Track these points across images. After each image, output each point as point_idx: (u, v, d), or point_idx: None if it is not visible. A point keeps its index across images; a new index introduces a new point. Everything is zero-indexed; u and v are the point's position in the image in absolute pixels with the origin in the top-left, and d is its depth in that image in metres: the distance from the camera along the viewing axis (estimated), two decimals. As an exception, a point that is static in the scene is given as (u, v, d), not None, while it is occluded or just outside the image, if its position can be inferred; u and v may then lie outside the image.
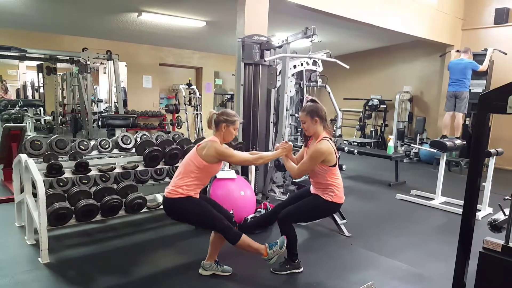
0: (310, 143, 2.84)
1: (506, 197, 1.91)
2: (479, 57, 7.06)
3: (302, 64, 4.89)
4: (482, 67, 6.50)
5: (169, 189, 2.61)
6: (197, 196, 2.65)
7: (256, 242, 2.67)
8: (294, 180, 4.61)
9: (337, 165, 2.75)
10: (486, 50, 7.07)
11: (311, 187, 2.91)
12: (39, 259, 2.90)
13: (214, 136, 2.68)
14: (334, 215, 3.78)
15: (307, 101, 2.85)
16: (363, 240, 3.56)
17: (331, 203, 2.76)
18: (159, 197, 3.91)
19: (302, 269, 2.86)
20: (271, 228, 3.75)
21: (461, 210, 1.83)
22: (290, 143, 2.84)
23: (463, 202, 1.80)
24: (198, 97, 8.21)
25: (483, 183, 4.40)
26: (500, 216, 2.12)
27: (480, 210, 4.40)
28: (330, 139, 2.75)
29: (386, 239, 3.64)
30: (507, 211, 1.93)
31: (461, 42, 8.02)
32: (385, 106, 9.17)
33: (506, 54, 7.01)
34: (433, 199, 4.96)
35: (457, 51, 7.05)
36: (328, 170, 2.71)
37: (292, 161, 2.87)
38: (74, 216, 3.13)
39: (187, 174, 2.58)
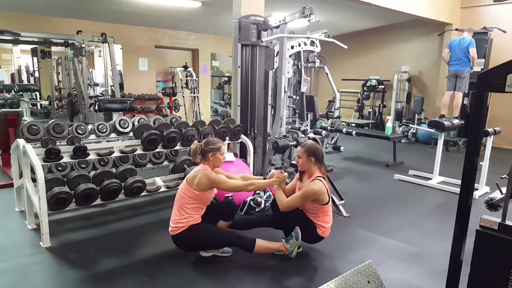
0: (304, 178, 2.88)
1: (503, 176, 1.92)
2: (478, 35, 6.99)
3: (300, 45, 4.83)
4: (473, 55, 6.31)
5: (171, 226, 2.65)
6: (199, 221, 2.67)
7: (271, 242, 2.73)
8: (292, 162, 4.62)
9: (330, 203, 2.78)
10: (485, 28, 7.00)
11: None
12: (41, 243, 2.93)
13: (203, 165, 2.69)
14: (333, 195, 3.81)
15: (309, 138, 2.92)
16: (361, 220, 3.60)
17: (319, 237, 2.81)
18: (158, 181, 3.92)
19: (301, 249, 2.90)
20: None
21: (459, 189, 1.85)
22: (286, 174, 2.86)
23: (460, 181, 1.81)
24: (195, 80, 8.13)
25: (481, 163, 4.43)
26: (497, 195, 2.14)
27: (477, 189, 4.44)
28: (324, 178, 2.78)
29: (384, 219, 3.68)
30: (503, 189, 1.95)
31: (460, 20, 7.92)
32: (383, 86, 9.13)
33: (505, 32, 6.94)
34: (431, 179, 4.99)
35: (456, 29, 6.97)
36: (320, 208, 2.75)
37: (284, 191, 2.88)
38: (73, 200, 3.14)
39: (182, 207, 2.61)
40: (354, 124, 8.78)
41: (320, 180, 2.73)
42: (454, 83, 6.51)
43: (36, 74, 10.75)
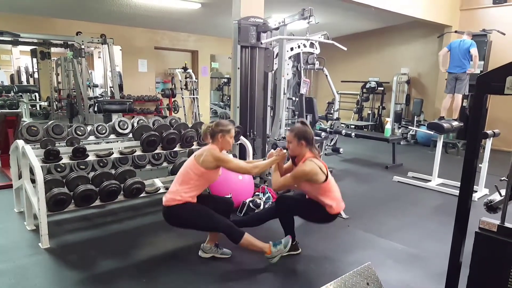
0: (297, 162, 2.82)
1: (502, 178, 1.92)
2: (477, 37, 7.00)
3: (299, 47, 4.85)
4: (475, 54, 6.31)
5: (167, 197, 2.63)
6: (194, 200, 2.66)
7: (259, 240, 2.70)
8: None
9: (329, 179, 2.71)
10: (485, 30, 7.01)
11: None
12: (40, 244, 2.92)
13: (212, 145, 2.68)
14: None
15: (297, 122, 2.86)
16: (360, 222, 3.60)
17: (330, 215, 2.76)
18: (157, 182, 3.92)
19: (300, 250, 2.90)
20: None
21: (458, 191, 1.85)
22: (285, 151, 2.83)
23: (459, 183, 1.82)
24: (195, 81, 8.13)
25: (480, 165, 4.43)
26: (496, 197, 2.14)
27: (476, 191, 4.44)
28: (316, 157, 2.72)
29: (383, 221, 3.68)
30: (503, 192, 1.95)
31: (459, 22, 7.94)
32: (382, 88, 9.14)
33: (504, 34, 6.96)
34: (430, 181, 4.99)
35: (456, 31, 6.98)
36: (319, 187, 2.69)
37: (281, 170, 2.86)
38: (73, 201, 3.14)
39: (186, 182, 2.60)
40: (353, 126, 8.79)
41: (311, 160, 2.67)
42: (453, 86, 6.49)
43: (36, 75, 10.74)
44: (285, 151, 2.83)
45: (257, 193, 3.87)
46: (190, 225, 2.72)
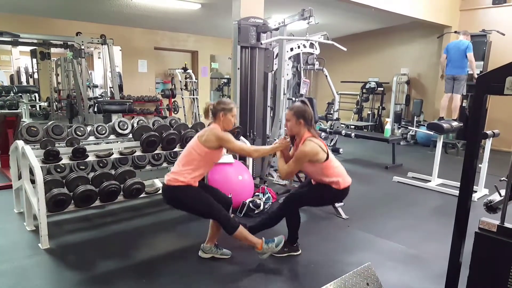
0: (296, 142, 2.81)
1: (501, 178, 1.92)
2: (477, 38, 7.01)
3: (299, 47, 4.84)
4: (471, 59, 6.32)
5: (170, 176, 2.60)
6: (196, 185, 2.65)
7: (251, 235, 2.70)
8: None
9: (330, 157, 2.70)
10: (484, 31, 7.02)
11: (313, 181, 2.89)
12: (39, 244, 2.92)
13: (214, 124, 2.67)
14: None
15: (298, 101, 2.83)
16: (360, 222, 3.60)
17: (339, 191, 2.76)
18: (157, 182, 3.92)
19: (300, 251, 2.90)
20: (269, 211, 3.78)
21: (457, 191, 1.85)
22: (288, 139, 2.81)
23: (459, 183, 1.82)
24: (194, 82, 8.13)
25: (479, 165, 4.43)
26: (496, 197, 2.14)
27: (476, 192, 4.44)
28: (315, 137, 2.70)
29: (383, 221, 3.68)
30: (502, 192, 1.95)
31: (459, 23, 7.95)
32: (382, 88, 9.14)
33: (504, 35, 6.96)
34: (430, 181, 4.99)
35: (456, 32, 6.99)
36: (321, 167, 2.69)
37: (286, 158, 2.84)
38: (72, 202, 3.14)
39: (189, 162, 2.58)
40: (353, 126, 8.79)
41: (311, 140, 2.66)
42: (451, 86, 6.51)
43: (35, 76, 10.75)
44: (288, 139, 2.81)
45: (257, 193, 3.87)
46: (188, 209, 2.71)
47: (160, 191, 3.73)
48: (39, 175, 2.81)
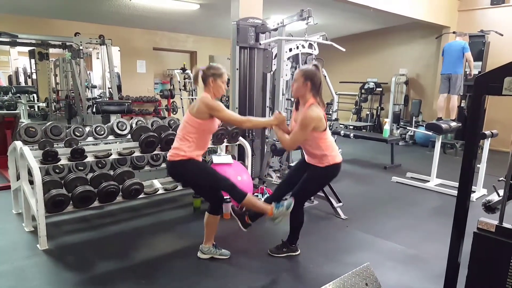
0: (299, 107, 2.72)
1: (500, 179, 1.92)
2: (475, 38, 7.03)
3: (297, 47, 4.84)
4: (469, 59, 6.36)
5: (171, 152, 2.59)
6: (200, 159, 2.63)
7: (261, 201, 2.67)
8: (290, 165, 4.62)
9: (327, 130, 2.67)
10: (482, 31, 7.03)
11: (306, 156, 2.82)
12: (38, 245, 2.91)
13: (205, 92, 2.62)
14: (330, 198, 3.82)
15: (313, 64, 2.70)
16: (359, 223, 3.60)
17: (330, 167, 2.67)
18: (156, 183, 3.91)
19: (299, 251, 2.90)
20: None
21: (456, 191, 1.85)
22: (284, 114, 2.76)
23: (458, 184, 1.82)
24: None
25: (478, 165, 4.44)
26: (494, 197, 2.14)
27: (474, 192, 4.45)
28: (319, 105, 2.62)
29: (382, 221, 3.69)
30: (501, 192, 1.96)
31: (457, 23, 7.96)
32: (381, 89, 9.16)
33: (502, 35, 6.98)
34: (428, 181, 5.00)
35: (454, 32, 7.01)
36: (318, 136, 2.62)
37: (286, 132, 2.76)
38: (71, 202, 3.13)
39: (185, 136, 2.55)
40: (352, 127, 8.79)
41: (316, 106, 2.59)
42: (447, 86, 6.53)
43: (34, 76, 10.71)
44: (284, 114, 2.75)
45: (256, 194, 3.87)
46: (193, 181, 2.66)
47: (159, 191, 3.75)
48: (37, 176, 2.81)
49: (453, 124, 5.40)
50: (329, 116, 6.38)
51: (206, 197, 2.71)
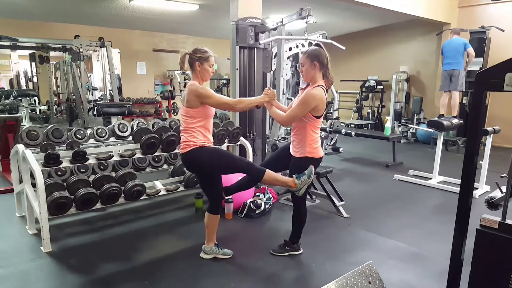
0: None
1: (502, 175, 1.92)
2: (476, 34, 7.01)
3: (297, 46, 4.84)
4: (471, 54, 6.35)
5: (181, 146, 2.59)
6: (211, 145, 2.62)
7: (281, 175, 2.64)
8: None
9: (322, 117, 2.62)
10: (483, 27, 7.01)
11: (290, 146, 2.77)
12: (41, 248, 2.92)
13: (192, 80, 2.60)
14: (332, 196, 3.82)
15: (314, 44, 2.67)
16: (361, 221, 3.60)
17: (310, 159, 2.60)
18: (158, 184, 3.92)
19: (301, 251, 2.90)
20: (270, 211, 3.79)
21: (458, 189, 1.85)
22: (274, 90, 2.72)
23: (460, 181, 1.81)
24: (194, 83, 8.13)
25: (480, 162, 4.43)
26: (497, 194, 2.14)
27: (477, 188, 4.44)
28: (326, 90, 2.60)
29: (384, 220, 3.68)
30: (503, 188, 1.95)
31: (457, 20, 7.95)
32: (382, 87, 9.14)
33: (503, 31, 6.96)
34: (431, 178, 4.99)
35: (451, 31, 7.00)
36: (312, 120, 2.56)
37: (279, 107, 2.74)
38: (74, 205, 3.14)
39: (188, 129, 2.55)
40: (353, 125, 8.78)
41: (322, 88, 2.54)
42: (448, 83, 6.51)
43: (35, 79, 10.76)
44: (274, 90, 2.72)
45: (257, 193, 3.87)
46: (212, 168, 2.58)
47: (161, 192, 3.75)
48: (40, 179, 2.81)
49: (455, 121, 5.39)
50: (330, 114, 6.37)
51: (209, 191, 2.69)
